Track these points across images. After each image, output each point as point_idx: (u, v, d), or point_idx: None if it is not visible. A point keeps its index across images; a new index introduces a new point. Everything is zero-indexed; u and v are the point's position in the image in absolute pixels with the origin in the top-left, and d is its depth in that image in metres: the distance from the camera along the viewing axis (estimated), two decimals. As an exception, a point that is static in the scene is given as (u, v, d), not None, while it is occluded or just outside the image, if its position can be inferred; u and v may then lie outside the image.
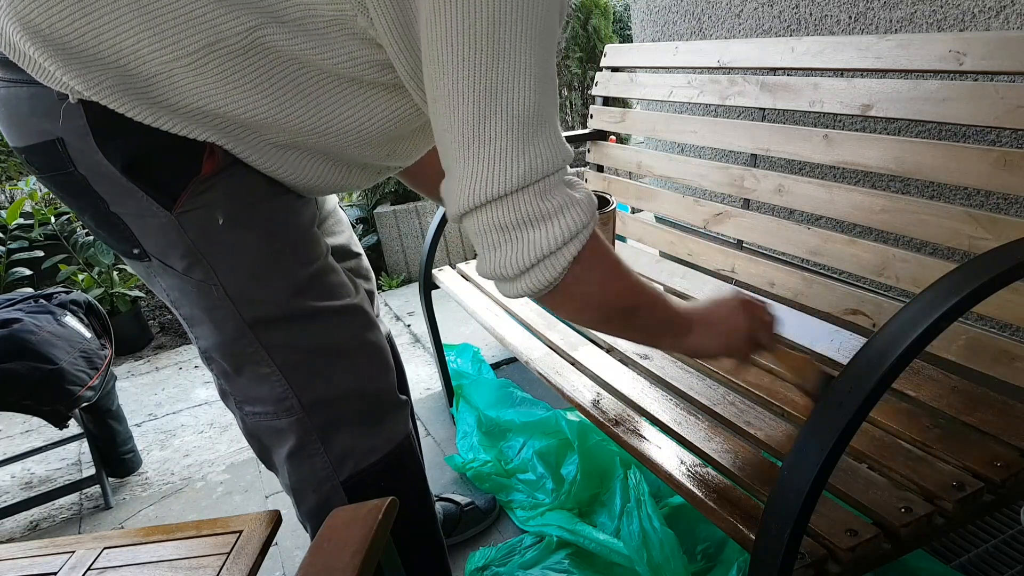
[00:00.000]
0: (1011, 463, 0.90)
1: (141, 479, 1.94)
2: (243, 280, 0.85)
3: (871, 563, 0.83)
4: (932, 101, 1.12)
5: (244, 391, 0.92)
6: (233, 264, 0.84)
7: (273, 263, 0.86)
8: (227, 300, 0.85)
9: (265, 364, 0.88)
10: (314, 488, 0.95)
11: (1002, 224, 1.04)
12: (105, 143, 0.75)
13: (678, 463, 1.01)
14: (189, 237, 0.81)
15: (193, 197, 0.79)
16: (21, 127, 0.79)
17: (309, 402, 0.91)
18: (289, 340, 0.88)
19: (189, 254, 0.83)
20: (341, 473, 0.94)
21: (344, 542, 0.70)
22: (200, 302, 0.86)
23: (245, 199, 0.83)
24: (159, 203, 0.79)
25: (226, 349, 0.88)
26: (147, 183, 0.78)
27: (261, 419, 0.93)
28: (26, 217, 3.02)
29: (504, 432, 1.76)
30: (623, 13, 5.64)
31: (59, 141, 0.76)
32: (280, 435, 0.93)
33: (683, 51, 1.70)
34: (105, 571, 0.82)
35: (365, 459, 0.96)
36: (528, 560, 1.37)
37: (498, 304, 1.72)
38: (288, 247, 0.88)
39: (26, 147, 0.80)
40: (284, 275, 0.87)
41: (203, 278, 0.84)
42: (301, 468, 0.94)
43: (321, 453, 0.93)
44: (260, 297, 0.86)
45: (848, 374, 0.74)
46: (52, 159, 0.78)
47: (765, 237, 1.46)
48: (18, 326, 1.63)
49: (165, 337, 3.01)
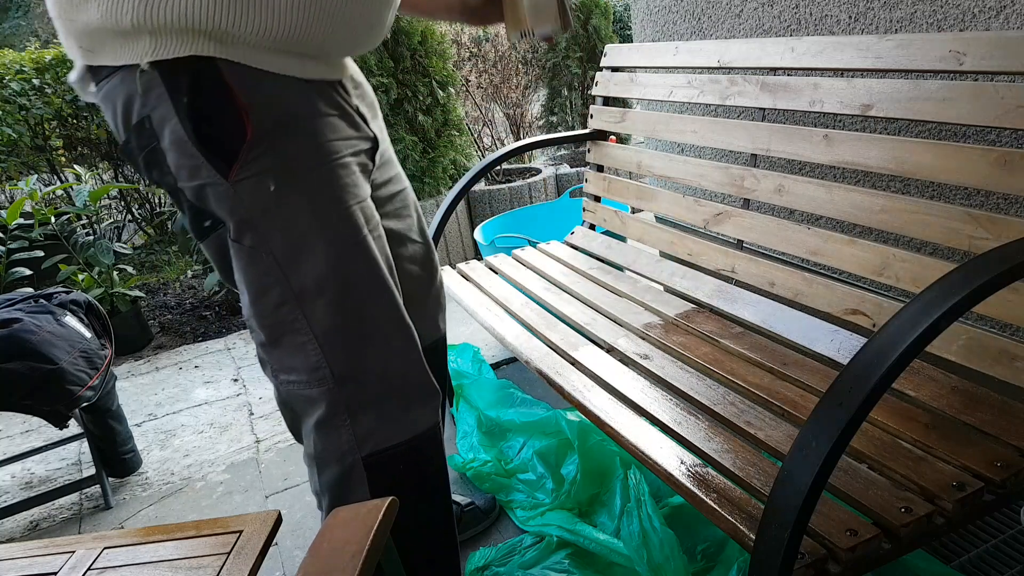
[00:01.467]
0: (1011, 463, 0.90)
1: (141, 479, 1.94)
2: (292, 247, 0.90)
3: (871, 563, 0.83)
4: (932, 101, 1.12)
5: (281, 360, 0.96)
6: (284, 231, 0.89)
7: (322, 230, 0.91)
8: (276, 266, 0.90)
9: (303, 333, 0.93)
10: (337, 459, 0.99)
11: (1002, 224, 1.04)
12: (176, 101, 0.83)
13: (678, 463, 1.01)
14: (244, 204, 0.87)
15: (246, 165, 0.86)
16: (121, 115, 0.88)
17: (340, 374, 0.95)
18: (329, 309, 0.93)
19: (243, 221, 0.89)
20: (363, 449, 0.98)
21: (344, 542, 0.70)
22: (249, 268, 0.91)
23: (294, 167, 0.88)
24: (217, 170, 0.86)
25: (267, 318, 0.94)
26: (210, 146, 0.85)
27: (295, 387, 0.97)
28: (26, 217, 3.01)
29: (504, 432, 1.76)
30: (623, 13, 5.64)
31: (147, 119, 0.85)
32: (311, 404, 0.97)
33: (683, 51, 1.70)
34: (105, 571, 0.81)
35: (387, 440, 0.99)
36: (528, 560, 1.37)
37: (498, 304, 1.72)
38: (336, 215, 0.92)
39: (128, 135, 0.89)
40: (331, 243, 0.92)
41: (254, 244, 0.89)
42: (327, 438, 0.98)
43: (347, 426, 0.97)
44: (307, 264, 0.91)
45: (848, 374, 0.74)
46: (145, 137, 0.87)
47: (765, 237, 1.46)
48: (18, 326, 1.63)
49: (165, 337, 3.01)
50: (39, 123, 3.76)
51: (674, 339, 1.42)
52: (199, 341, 2.92)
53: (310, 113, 0.91)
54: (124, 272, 2.99)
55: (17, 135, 3.59)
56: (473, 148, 4.07)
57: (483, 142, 4.81)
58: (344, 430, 0.97)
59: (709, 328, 1.45)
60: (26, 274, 2.78)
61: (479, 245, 2.56)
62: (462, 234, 3.42)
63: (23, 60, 3.70)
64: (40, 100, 3.66)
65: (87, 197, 2.91)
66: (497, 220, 2.80)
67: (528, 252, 2.07)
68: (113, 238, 3.84)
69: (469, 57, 4.49)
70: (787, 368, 1.25)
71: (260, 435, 2.08)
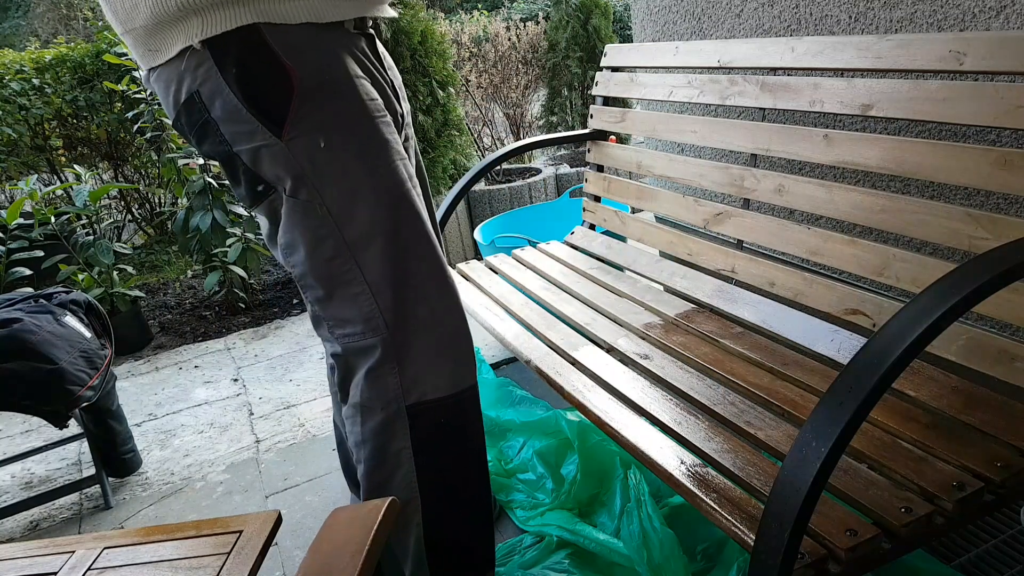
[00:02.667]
0: (1011, 463, 0.90)
1: (141, 479, 1.94)
2: (344, 198, 0.97)
3: (871, 563, 0.83)
4: (932, 101, 1.12)
5: (337, 313, 1.02)
6: (336, 183, 0.96)
7: (370, 182, 0.98)
8: (329, 218, 0.97)
9: (357, 283, 0.99)
10: (383, 406, 1.03)
11: (1002, 224, 1.04)
12: (225, 72, 0.91)
13: (678, 463, 1.01)
14: (298, 161, 0.95)
15: (295, 124, 0.93)
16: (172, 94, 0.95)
17: (392, 321, 1.00)
18: (379, 257, 0.99)
19: (297, 177, 0.95)
20: (408, 398, 1.03)
21: (344, 542, 0.70)
22: (303, 222, 0.97)
23: (340, 123, 0.96)
24: (271, 131, 0.93)
25: (322, 271, 0.99)
26: (260, 109, 0.92)
27: (351, 340, 1.03)
28: (26, 217, 3.01)
29: (504, 432, 1.76)
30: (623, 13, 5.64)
31: (196, 94, 0.93)
32: (365, 353, 1.03)
33: (683, 51, 1.70)
34: (105, 571, 0.81)
35: (432, 392, 1.04)
36: (528, 560, 1.37)
37: (498, 304, 1.72)
38: (382, 167, 0.99)
39: (177, 112, 0.96)
40: (380, 194, 0.98)
41: (308, 198, 0.96)
42: (376, 385, 1.03)
43: (395, 373, 1.02)
44: (359, 214, 0.97)
45: (848, 374, 0.74)
46: (194, 113, 0.95)
47: (765, 237, 1.46)
48: (18, 326, 1.62)
49: (165, 337, 3.01)
50: (39, 123, 3.76)
51: (674, 339, 1.42)
52: (199, 341, 2.92)
53: (346, 76, 0.98)
54: (124, 272, 2.99)
55: (17, 135, 3.59)
56: (473, 148, 4.08)
57: (483, 142, 4.81)
58: (392, 378, 1.02)
59: (709, 328, 1.45)
60: (26, 274, 2.78)
61: (479, 245, 2.56)
62: (462, 234, 3.42)
63: (23, 60, 3.71)
64: (40, 100, 3.66)
65: (87, 197, 2.91)
66: (497, 220, 2.80)
67: (528, 252, 2.07)
68: (113, 238, 3.84)
69: (469, 57, 4.49)
70: (787, 368, 1.25)
71: (260, 435, 2.08)
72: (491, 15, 5.39)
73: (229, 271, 2.94)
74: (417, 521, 1.07)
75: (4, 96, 3.53)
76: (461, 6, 10.26)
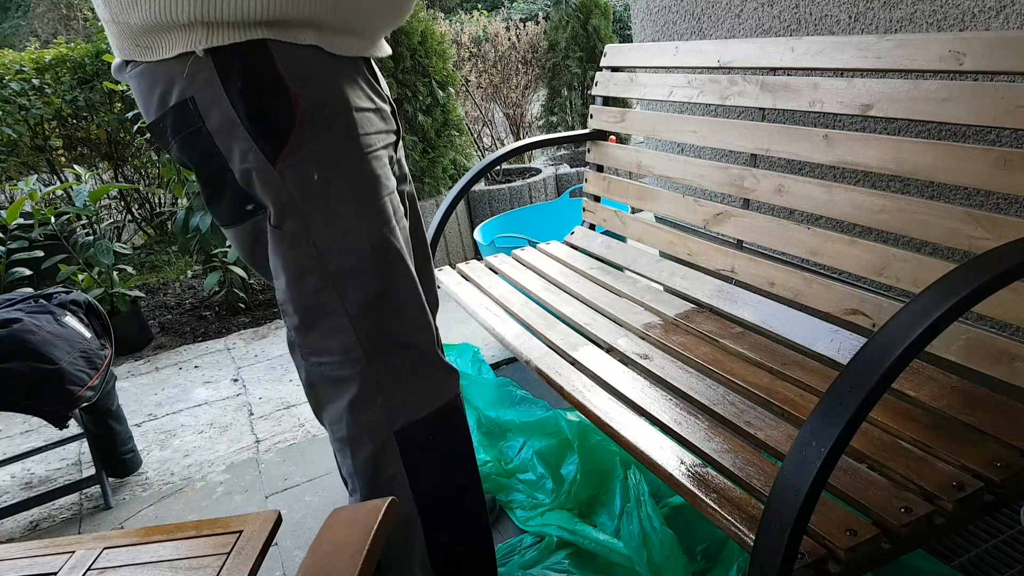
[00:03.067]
0: (1011, 463, 0.90)
1: (141, 479, 1.94)
2: (332, 232, 0.95)
3: (871, 563, 0.83)
4: (932, 101, 1.12)
5: (315, 343, 1.00)
6: (326, 217, 0.94)
7: (359, 218, 0.96)
8: (315, 251, 0.94)
9: (339, 315, 0.97)
10: (370, 437, 1.01)
11: (1002, 224, 1.04)
12: (229, 86, 0.87)
13: (678, 463, 1.01)
14: (289, 190, 0.92)
15: (292, 152, 0.90)
16: (157, 94, 0.90)
17: (372, 352, 0.99)
18: (363, 292, 0.97)
19: (286, 206, 0.93)
20: (395, 423, 1.01)
21: (344, 542, 0.70)
22: (289, 254, 0.95)
23: (336, 157, 0.94)
24: (266, 155, 0.90)
25: (304, 302, 0.97)
26: (260, 129, 0.89)
27: (326, 369, 1.01)
28: (26, 217, 3.01)
29: (504, 432, 1.76)
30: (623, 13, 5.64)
31: (191, 101, 0.88)
32: (342, 385, 1.01)
33: (683, 51, 1.70)
34: (105, 571, 0.81)
35: (416, 412, 1.03)
36: (528, 560, 1.37)
37: (498, 304, 1.72)
38: (371, 204, 0.97)
39: (162, 115, 0.91)
40: (368, 229, 0.97)
41: (295, 230, 0.94)
42: (360, 417, 1.01)
43: (379, 403, 1.00)
44: (346, 249, 0.96)
45: (848, 374, 0.74)
46: (184, 119, 0.90)
47: (765, 237, 1.46)
48: (18, 326, 1.62)
49: (165, 337, 3.01)
50: (39, 123, 3.76)
51: (674, 339, 1.42)
52: (199, 341, 2.92)
53: (346, 108, 0.95)
54: (124, 272, 2.99)
55: (17, 135, 3.59)
56: (473, 148, 4.07)
57: (483, 142, 4.81)
58: (376, 408, 1.00)
59: (709, 328, 1.45)
60: (26, 274, 2.78)
61: (479, 245, 2.56)
62: (462, 234, 3.42)
63: (23, 60, 3.71)
64: (40, 100, 3.66)
65: (87, 197, 2.91)
66: (497, 220, 2.80)
67: (528, 252, 2.07)
68: (113, 238, 3.83)
69: (469, 57, 4.49)
70: (787, 368, 1.25)
71: (260, 435, 2.08)
72: (491, 15, 5.39)
73: (229, 271, 2.94)
74: (419, 538, 1.06)
75: (4, 96, 3.53)
76: (461, 6, 10.27)
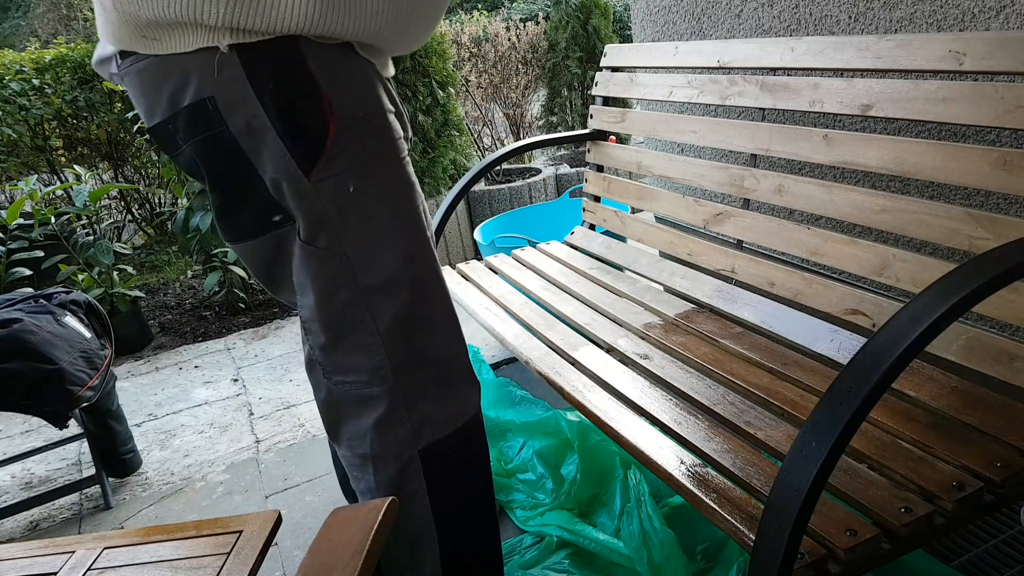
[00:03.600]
0: (1011, 463, 0.90)
1: (141, 479, 1.94)
2: (366, 246, 0.89)
3: (871, 563, 0.83)
4: (932, 101, 1.12)
5: (340, 362, 0.95)
6: (360, 229, 0.88)
7: (394, 229, 0.91)
8: (348, 267, 0.89)
9: (369, 332, 0.92)
10: (395, 455, 0.98)
11: (1002, 224, 1.04)
12: (258, 86, 0.78)
13: (678, 463, 1.01)
14: (324, 204, 0.85)
15: (328, 163, 0.84)
16: (168, 92, 0.80)
17: (400, 369, 0.95)
18: (394, 307, 0.92)
19: (319, 222, 0.87)
20: (420, 441, 0.98)
21: (344, 542, 0.70)
22: (320, 271, 0.90)
23: (370, 167, 0.88)
24: (300, 166, 0.83)
25: (331, 320, 0.92)
26: (294, 135, 0.81)
27: (351, 388, 0.96)
28: (26, 217, 3.01)
29: (504, 432, 1.76)
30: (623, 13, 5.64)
31: (211, 100, 0.78)
32: (369, 403, 0.96)
33: (683, 51, 1.70)
34: (105, 571, 0.81)
35: (441, 430, 0.99)
36: (528, 560, 1.37)
37: (498, 304, 1.72)
38: (406, 212, 0.92)
39: (171, 115, 0.82)
40: (404, 241, 0.92)
41: (327, 246, 0.88)
42: (387, 436, 0.97)
43: (406, 421, 0.96)
44: (379, 264, 0.90)
45: (848, 374, 0.74)
46: (201, 121, 0.80)
47: (765, 237, 1.46)
48: (18, 326, 1.62)
49: (165, 337, 3.01)
50: (39, 123, 3.76)
51: (674, 339, 1.42)
52: (199, 341, 2.92)
53: (380, 111, 0.90)
54: (124, 272, 2.99)
55: (17, 135, 3.59)
56: (473, 148, 4.07)
57: (483, 142, 4.81)
58: (403, 426, 0.97)
59: (709, 328, 1.45)
60: (26, 274, 2.78)
61: (479, 245, 2.56)
62: (462, 234, 3.42)
63: (23, 60, 3.71)
64: (40, 100, 3.66)
65: (87, 197, 2.91)
66: (497, 220, 2.80)
67: (528, 252, 2.07)
68: (113, 238, 3.83)
69: (469, 57, 4.49)
70: (787, 368, 1.25)
71: (260, 435, 2.08)
72: (491, 15, 5.39)
73: (229, 271, 2.94)
74: (434, 548, 1.04)
75: (4, 96, 3.53)
76: (461, 6, 10.27)
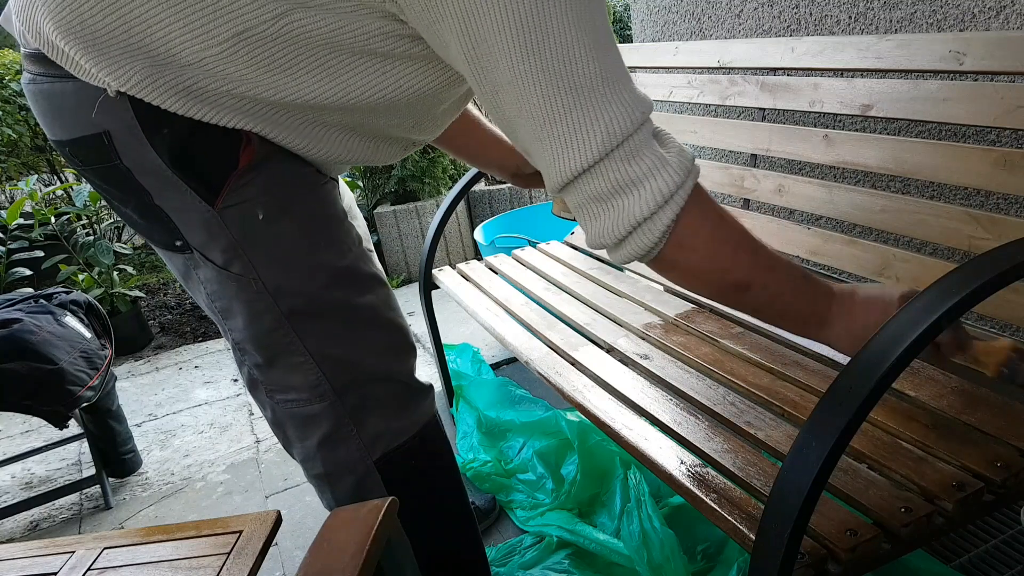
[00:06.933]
0: (1011, 463, 0.90)
1: (141, 479, 1.94)
2: (281, 273, 0.88)
3: (871, 563, 0.83)
4: (932, 101, 1.12)
5: (277, 380, 0.94)
6: (272, 258, 0.87)
7: (310, 256, 0.89)
8: (265, 293, 0.88)
9: (299, 353, 0.91)
10: (349, 470, 0.97)
11: (1002, 224, 1.04)
12: (153, 136, 0.77)
13: (678, 463, 1.01)
14: (230, 232, 0.84)
15: (233, 192, 0.82)
16: (66, 120, 0.80)
17: (341, 386, 0.93)
18: (323, 329, 0.91)
19: (229, 249, 0.85)
20: (373, 453, 0.97)
21: (344, 542, 0.70)
22: (239, 295, 0.89)
23: (282, 194, 0.86)
24: (202, 197, 0.81)
25: (262, 340, 0.91)
26: (191, 176, 0.80)
27: (293, 406, 0.95)
28: (26, 217, 3.02)
29: (504, 432, 1.76)
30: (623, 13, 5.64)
31: (105, 134, 0.78)
32: (313, 421, 0.95)
33: (683, 51, 1.70)
34: (105, 571, 0.81)
35: (395, 440, 0.98)
36: (528, 560, 1.37)
37: (498, 304, 1.72)
38: (324, 240, 0.91)
39: (71, 140, 0.81)
40: (321, 267, 0.90)
41: (242, 272, 0.87)
42: (336, 452, 0.97)
43: (355, 436, 0.96)
44: (298, 289, 0.89)
45: (848, 374, 0.74)
46: (98, 152, 0.80)
47: (765, 237, 1.45)
48: (18, 326, 1.63)
49: (165, 337, 3.00)
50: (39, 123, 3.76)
51: (674, 339, 1.42)
52: (199, 341, 2.92)
53: None
54: (124, 272, 2.99)
55: (17, 135, 3.59)
56: (473, 148, 4.07)
57: (483, 142, 4.80)
58: (351, 441, 0.96)
59: (709, 328, 1.45)
60: (26, 274, 2.79)
61: (479, 245, 2.56)
62: (462, 234, 3.42)
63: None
64: (40, 100, 3.66)
65: (87, 197, 2.91)
66: (497, 220, 2.80)
67: (528, 252, 2.07)
68: (113, 238, 3.83)
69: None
70: (787, 368, 1.25)
71: (260, 435, 2.08)
72: (491, 15, 5.37)
73: (229, 271, 2.94)
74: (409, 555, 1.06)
75: (4, 96, 3.53)
76: (461, 6, 10.23)
